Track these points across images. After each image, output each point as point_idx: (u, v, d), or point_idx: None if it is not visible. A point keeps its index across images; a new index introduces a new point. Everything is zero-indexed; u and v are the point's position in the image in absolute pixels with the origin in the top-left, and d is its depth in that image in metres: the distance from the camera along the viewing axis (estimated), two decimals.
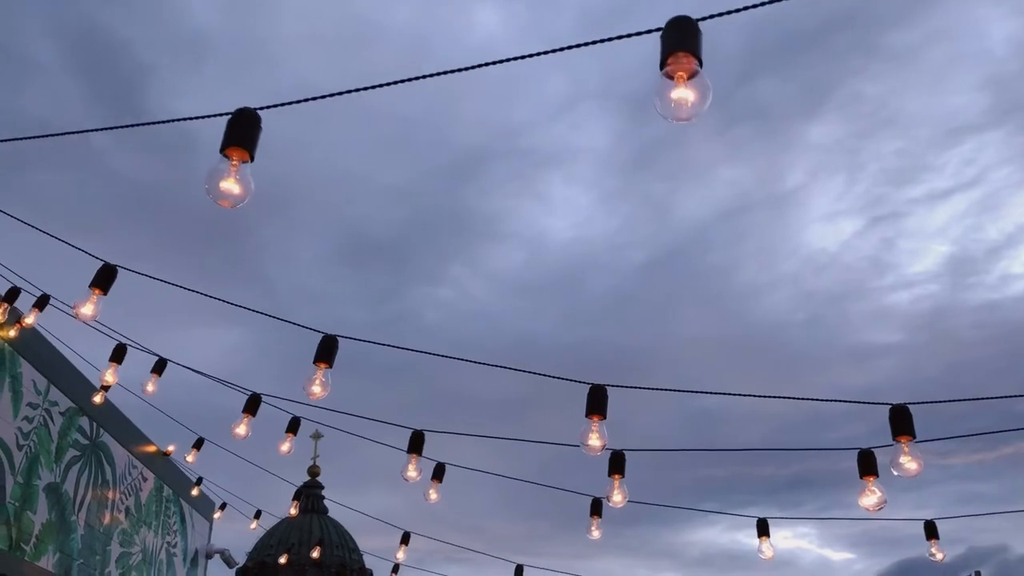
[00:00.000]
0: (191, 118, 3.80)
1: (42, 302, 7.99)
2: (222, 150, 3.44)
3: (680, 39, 3.00)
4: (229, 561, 16.10)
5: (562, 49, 3.54)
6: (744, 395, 6.35)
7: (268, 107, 3.55)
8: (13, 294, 8.07)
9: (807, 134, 53.52)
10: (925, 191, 57.47)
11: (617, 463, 6.34)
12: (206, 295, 6.27)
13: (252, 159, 3.46)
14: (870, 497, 5.66)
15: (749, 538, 7.39)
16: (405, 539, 10.57)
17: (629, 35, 3.54)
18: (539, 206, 58.09)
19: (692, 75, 2.98)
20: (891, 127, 52.16)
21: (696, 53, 2.96)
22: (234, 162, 3.45)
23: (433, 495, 7.71)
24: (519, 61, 3.52)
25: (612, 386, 5.45)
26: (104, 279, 6.06)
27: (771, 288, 55.91)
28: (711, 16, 3.26)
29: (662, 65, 3.00)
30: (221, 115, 3.47)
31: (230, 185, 3.46)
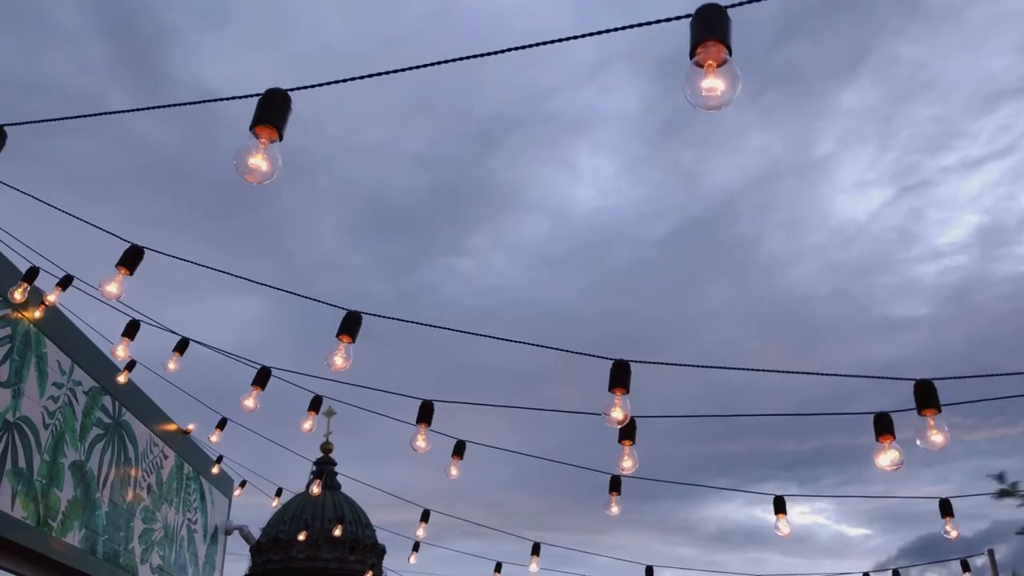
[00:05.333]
0: (223, 99, 3.85)
1: (65, 282, 8.07)
2: (252, 128, 3.49)
3: (709, 27, 2.99)
4: (248, 537, 16.34)
5: (598, 33, 3.58)
6: (763, 370, 6.39)
7: (297, 88, 3.59)
8: (32, 273, 8.10)
9: (840, 99, 52.73)
10: (958, 159, 56.56)
11: (628, 430, 6.42)
12: (232, 274, 6.34)
13: (281, 138, 3.52)
14: (886, 457, 5.57)
15: (766, 514, 7.46)
16: (425, 516, 10.66)
17: (659, 21, 3.57)
18: (564, 174, 57.70)
19: (721, 63, 2.98)
20: (928, 91, 51.19)
21: (726, 41, 2.96)
22: (263, 140, 3.50)
23: (454, 471, 7.81)
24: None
25: (635, 361, 5.52)
26: (131, 259, 6.15)
27: (797, 260, 55.60)
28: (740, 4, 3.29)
29: (692, 54, 2.99)
30: (252, 96, 3.52)
31: (258, 161, 3.51)
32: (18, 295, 8.27)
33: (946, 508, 7.59)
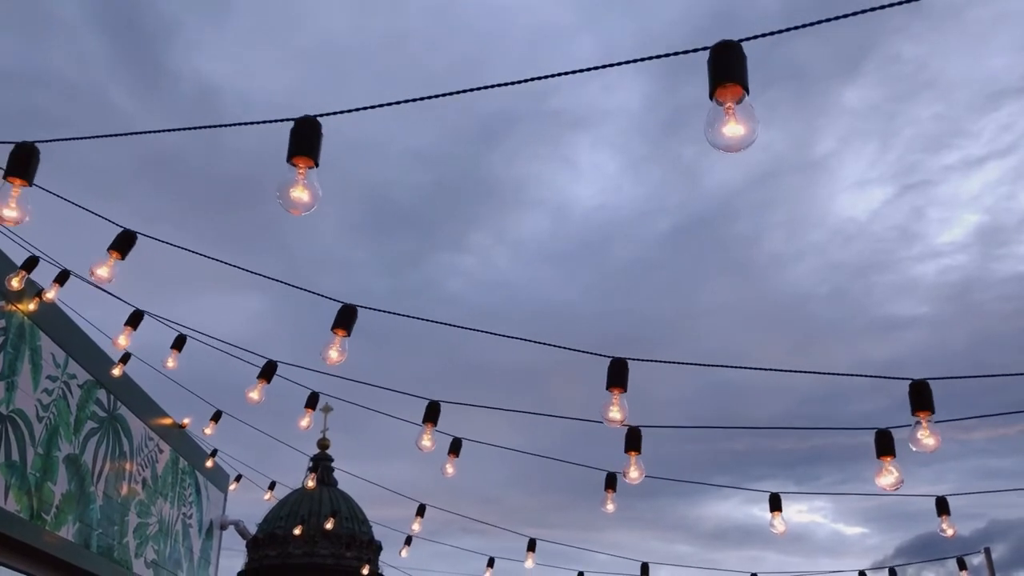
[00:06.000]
0: (257, 122, 3.89)
1: (63, 277, 8.02)
2: (289, 159, 3.60)
3: (727, 70, 3.12)
4: (243, 532, 16.29)
5: (619, 64, 3.60)
6: (760, 369, 6.38)
7: (328, 114, 3.63)
8: (32, 263, 8.06)
9: (843, 97, 52.71)
10: (959, 158, 56.49)
11: (633, 440, 6.40)
12: (225, 262, 6.29)
13: (317, 165, 3.63)
14: (887, 477, 5.69)
15: (764, 512, 7.46)
16: (420, 511, 10.64)
17: (676, 53, 3.58)
18: (566, 172, 57.67)
19: (739, 100, 3.11)
20: (930, 90, 51.12)
21: (743, 83, 3.09)
22: (301, 170, 3.63)
23: (450, 469, 7.78)
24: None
25: (633, 359, 5.49)
26: (123, 243, 6.08)
27: (797, 258, 55.60)
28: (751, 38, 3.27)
29: (711, 95, 3.12)
30: (283, 120, 3.63)
31: (299, 193, 3.67)
32: (15, 282, 8.21)
33: (942, 506, 7.57)
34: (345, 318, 5.79)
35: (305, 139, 3.61)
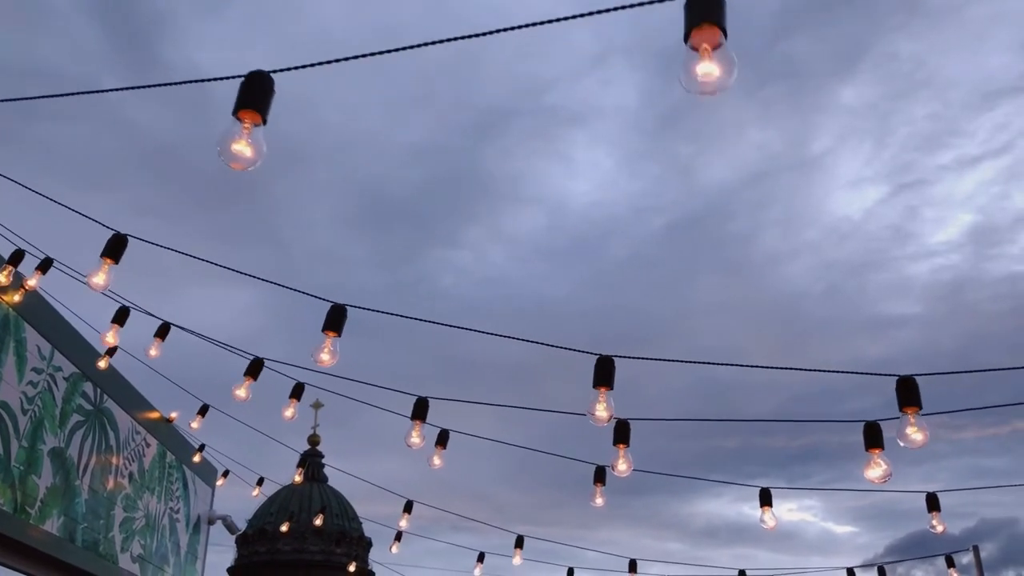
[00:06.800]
0: (207, 80, 3.78)
1: (45, 265, 7.94)
2: (234, 113, 3.43)
3: (705, 10, 2.92)
4: (231, 527, 16.20)
5: (591, 14, 3.51)
6: (750, 366, 6.34)
7: (282, 70, 3.52)
8: (17, 257, 8.01)
9: (839, 95, 52.73)
10: (954, 157, 56.58)
11: (622, 432, 6.38)
12: (216, 264, 6.25)
13: (265, 122, 3.48)
14: (875, 469, 5.69)
15: (755, 510, 7.42)
16: (408, 508, 10.60)
17: (651, 1, 3.48)
18: (562, 168, 57.62)
19: (717, 47, 2.91)
20: (926, 88, 51.15)
21: (721, 24, 2.89)
22: (246, 125, 3.47)
23: (437, 461, 7.73)
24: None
25: (620, 357, 5.46)
26: (114, 248, 6.13)
27: (792, 257, 55.66)
28: None
29: (686, 37, 2.93)
30: (235, 77, 3.47)
31: (242, 148, 3.49)
32: (2, 278, 8.19)
33: (933, 503, 7.56)
34: (335, 319, 5.74)
35: (254, 93, 3.46)
